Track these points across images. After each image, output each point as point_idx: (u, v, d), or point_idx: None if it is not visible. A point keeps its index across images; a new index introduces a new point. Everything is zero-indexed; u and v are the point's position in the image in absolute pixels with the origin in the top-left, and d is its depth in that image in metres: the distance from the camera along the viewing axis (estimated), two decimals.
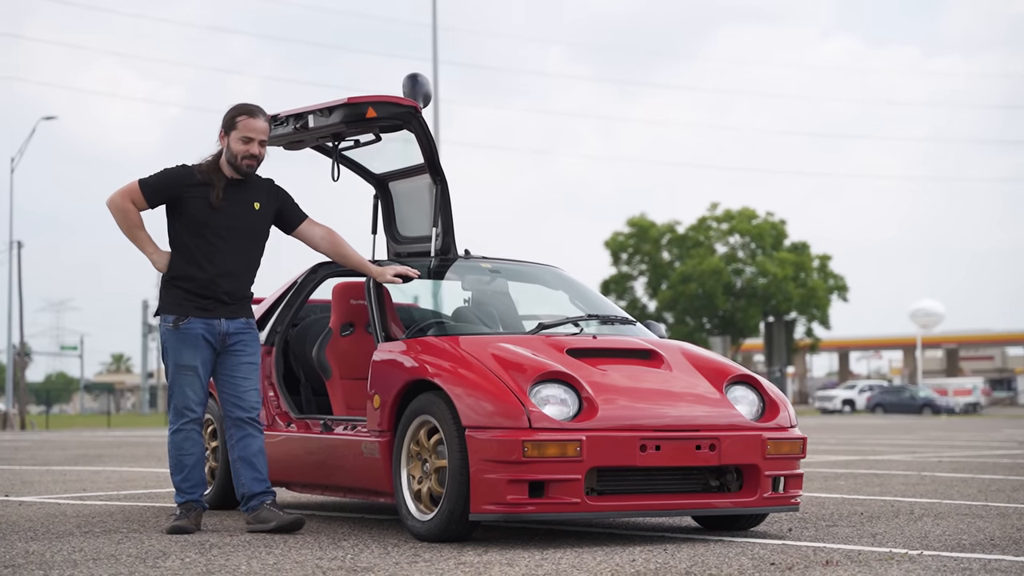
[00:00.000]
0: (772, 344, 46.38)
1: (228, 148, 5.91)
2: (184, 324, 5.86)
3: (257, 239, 6.01)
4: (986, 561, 4.81)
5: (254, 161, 5.93)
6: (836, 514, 6.67)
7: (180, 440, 5.87)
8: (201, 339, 5.87)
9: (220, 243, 5.87)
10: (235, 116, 5.92)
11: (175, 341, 5.89)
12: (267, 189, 6.04)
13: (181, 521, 5.79)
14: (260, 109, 5.99)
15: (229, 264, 5.90)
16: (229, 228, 5.88)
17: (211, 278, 5.87)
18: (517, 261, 7.00)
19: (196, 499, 5.90)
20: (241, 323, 5.97)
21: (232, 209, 5.90)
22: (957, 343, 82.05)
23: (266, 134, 5.95)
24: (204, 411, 5.95)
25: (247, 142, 5.89)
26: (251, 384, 5.96)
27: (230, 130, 5.91)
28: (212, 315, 5.88)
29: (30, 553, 5.11)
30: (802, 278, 58.90)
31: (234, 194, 5.93)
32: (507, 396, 5.26)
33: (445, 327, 6.34)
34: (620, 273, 60.99)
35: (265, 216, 6.01)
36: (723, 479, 5.58)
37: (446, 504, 5.34)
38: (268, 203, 6.01)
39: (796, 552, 5.09)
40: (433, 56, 31.23)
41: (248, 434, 5.93)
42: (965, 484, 8.86)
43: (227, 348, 5.94)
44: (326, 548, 5.25)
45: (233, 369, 5.95)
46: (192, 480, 5.89)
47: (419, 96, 6.47)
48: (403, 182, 6.94)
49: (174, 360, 5.89)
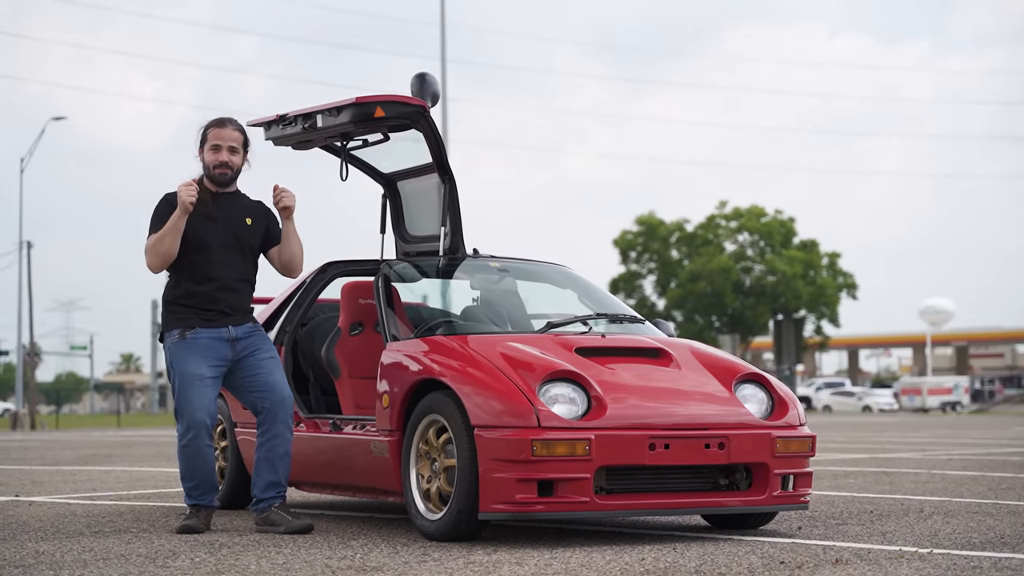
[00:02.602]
0: (781, 342, 46.39)
1: (204, 162, 5.98)
2: (191, 334, 5.86)
3: (251, 253, 6.03)
4: (996, 559, 4.80)
5: (226, 169, 5.95)
6: (846, 512, 6.67)
7: (191, 454, 5.83)
8: (209, 348, 5.86)
9: (217, 257, 5.90)
10: (205, 130, 6.00)
11: (182, 351, 5.85)
12: (258, 209, 6.08)
13: (191, 520, 5.80)
14: (230, 119, 6.04)
15: (228, 277, 5.92)
16: (224, 243, 5.91)
17: (211, 292, 5.89)
18: (526, 260, 7.00)
19: (206, 503, 5.90)
20: (248, 327, 5.99)
21: (226, 222, 5.94)
22: (967, 341, 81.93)
23: (235, 141, 5.96)
24: (214, 421, 5.89)
25: (216, 150, 5.94)
26: (277, 378, 5.93)
27: (202, 144, 5.99)
28: (218, 324, 5.89)
29: (40, 553, 5.12)
30: (811, 276, 58.84)
31: (226, 207, 5.97)
32: (516, 395, 5.26)
33: (454, 326, 6.35)
34: (629, 271, 60.99)
35: (256, 232, 6.03)
36: (732, 478, 5.57)
37: (455, 503, 5.34)
38: (258, 220, 6.04)
39: (806, 551, 5.08)
40: (441, 55, 31.25)
41: (278, 434, 5.90)
42: (975, 482, 8.84)
43: (240, 352, 5.93)
44: (335, 547, 5.25)
45: (255, 367, 5.92)
46: (203, 487, 5.87)
47: (427, 95, 6.48)
48: (411, 181, 6.94)
49: (180, 371, 5.83)
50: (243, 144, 6.02)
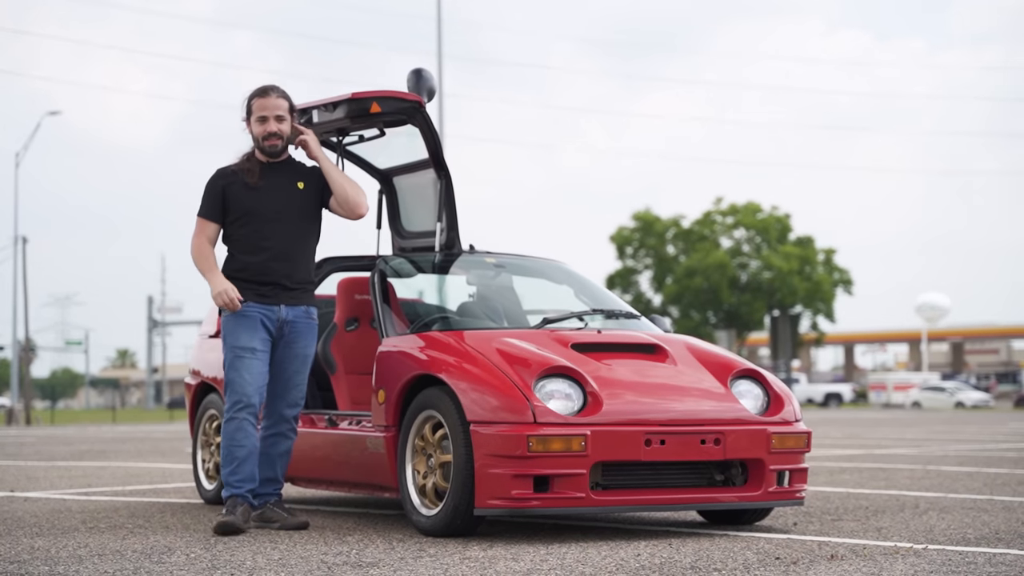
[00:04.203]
0: (777, 338, 46.37)
1: (252, 134, 5.88)
2: (243, 306, 5.74)
3: (306, 219, 5.89)
4: (991, 555, 4.81)
5: (276, 139, 5.85)
6: (841, 508, 6.67)
7: (232, 430, 5.69)
8: (259, 322, 5.75)
9: (268, 227, 5.78)
10: (249, 100, 5.89)
11: (233, 324, 5.75)
12: (311, 172, 5.96)
13: (229, 517, 5.56)
14: (274, 87, 5.91)
15: (280, 246, 5.79)
16: (275, 211, 5.80)
17: (264, 262, 5.77)
18: (522, 256, 7.00)
19: (243, 494, 5.71)
20: (301, 311, 5.86)
21: (274, 191, 5.82)
22: (963, 337, 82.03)
23: (282, 109, 5.85)
24: (261, 399, 5.77)
25: (263, 121, 5.84)
26: (300, 379, 5.87)
27: (249, 116, 5.89)
28: (272, 301, 5.77)
29: (35, 549, 5.12)
30: (807, 272, 58.89)
31: (274, 177, 5.86)
32: (512, 391, 5.26)
33: (450, 322, 6.35)
34: (625, 267, 61.01)
35: (311, 196, 5.90)
36: (728, 473, 5.58)
37: (451, 499, 5.34)
38: (312, 183, 5.92)
39: (801, 546, 5.08)
40: (438, 50, 31.22)
41: (281, 433, 5.88)
42: (970, 478, 8.85)
43: (284, 338, 5.82)
44: (331, 543, 5.25)
45: (286, 361, 5.84)
46: (241, 474, 5.70)
47: (423, 91, 6.47)
48: (407, 177, 6.94)
49: (231, 343, 5.74)
50: (289, 110, 5.90)
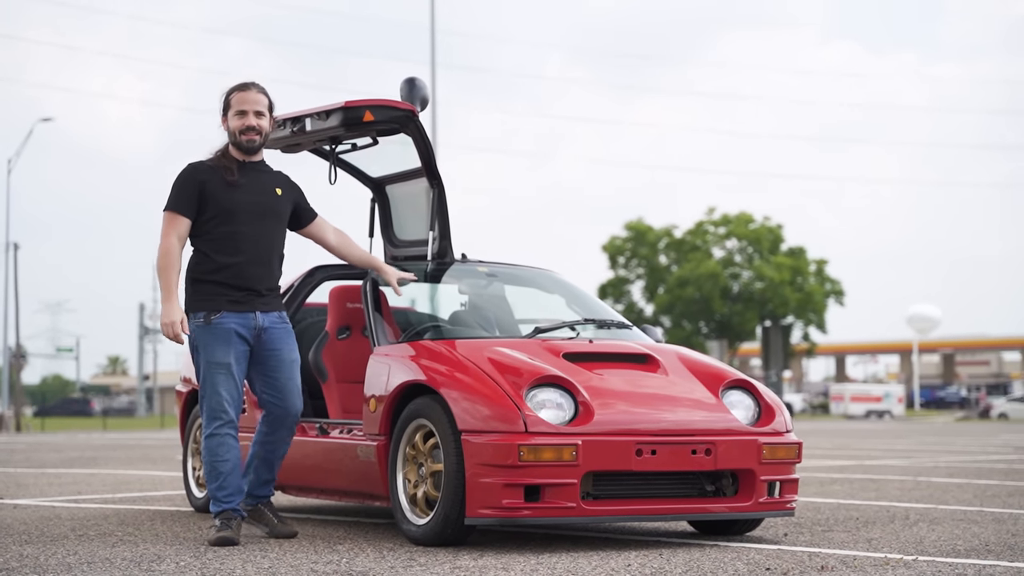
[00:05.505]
0: (769, 348, 46.42)
1: (229, 130, 5.76)
2: (216, 319, 5.61)
3: (279, 223, 5.79)
4: (981, 567, 4.81)
5: (254, 134, 5.72)
6: (832, 519, 6.67)
7: (214, 446, 5.61)
8: (234, 334, 5.62)
9: (248, 228, 5.66)
10: (227, 95, 5.76)
11: (207, 337, 5.62)
12: (285, 180, 5.90)
13: (225, 532, 5.50)
14: (253, 83, 5.80)
15: (258, 249, 5.68)
16: (252, 213, 5.67)
17: (241, 265, 5.64)
18: (514, 265, 7.00)
19: (234, 508, 5.64)
20: (275, 316, 5.76)
21: (253, 192, 5.70)
22: (954, 348, 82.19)
23: (261, 104, 5.74)
24: (239, 412, 5.69)
25: (241, 115, 5.71)
26: (294, 385, 5.78)
27: (226, 111, 5.76)
28: (246, 308, 5.65)
29: (24, 556, 5.10)
30: (799, 282, 58.97)
31: (252, 177, 5.75)
32: (503, 400, 5.26)
33: (442, 331, 6.35)
34: (618, 277, 61.06)
35: (286, 203, 5.82)
36: (719, 484, 5.58)
37: (442, 508, 5.33)
38: (287, 192, 5.85)
39: (792, 557, 5.08)
40: (431, 59, 31.27)
41: (281, 438, 5.82)
42: (961, 489, 8.86)
43: (264, 345, 5.72)
44: (322, 552, 5.24)
45: (276, 369, 5.74)
46: (229, 488, 5.62)
47: (416, 100, 6.48)
48: (400, 186, 6.94)
49: (207, 358, 5.62)
50: (268, 108, 5.79)
